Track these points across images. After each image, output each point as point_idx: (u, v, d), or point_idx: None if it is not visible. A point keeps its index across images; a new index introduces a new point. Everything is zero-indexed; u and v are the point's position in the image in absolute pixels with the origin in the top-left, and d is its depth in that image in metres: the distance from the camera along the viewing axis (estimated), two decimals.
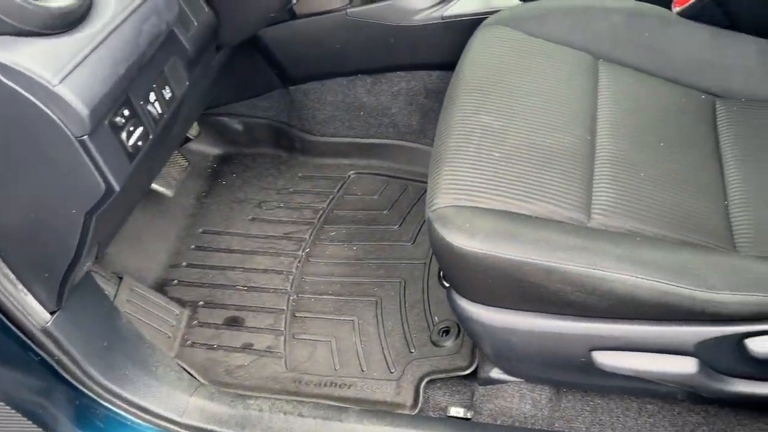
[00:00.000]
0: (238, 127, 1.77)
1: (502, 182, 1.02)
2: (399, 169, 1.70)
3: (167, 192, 1.52)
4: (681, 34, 1.28)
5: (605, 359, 1.00)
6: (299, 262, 1.54)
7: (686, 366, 0.97)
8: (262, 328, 1.42)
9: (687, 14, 1.31)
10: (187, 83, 0.97)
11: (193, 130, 1.69)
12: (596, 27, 1.29)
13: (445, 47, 1.50)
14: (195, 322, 1.45)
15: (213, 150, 1.80)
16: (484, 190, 1.01)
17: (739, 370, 0.97)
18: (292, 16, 1.50)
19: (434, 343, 1.33)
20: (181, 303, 1.48)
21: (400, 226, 1.58)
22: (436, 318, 1.38)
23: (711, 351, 0.94)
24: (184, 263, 1.56)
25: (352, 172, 1.73)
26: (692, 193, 1.06)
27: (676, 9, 1.32)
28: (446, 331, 1.33)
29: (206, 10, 1.11)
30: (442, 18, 1.47)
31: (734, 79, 1.25)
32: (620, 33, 1.29)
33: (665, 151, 1.12)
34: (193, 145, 1.75)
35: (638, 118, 1.17)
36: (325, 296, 1.46)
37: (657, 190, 1.04)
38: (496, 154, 1.06)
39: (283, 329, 1.41)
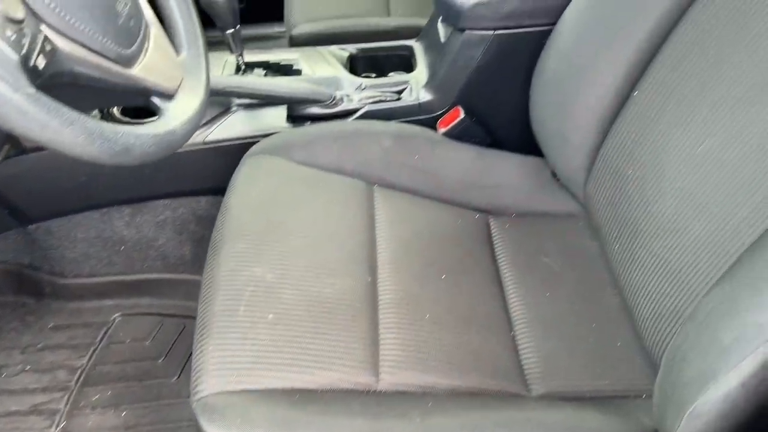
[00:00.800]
0: None
1: (279, 352, 0.89)
2: (173, 305, 1.50)
3: None
4: (448, 155, 1.28)
5: None
6: None
7: None
8: None
9: (452, 134, 1.32)
10: None
11: None
12: (367, 152, 1.25)
13: (211, 173, 1.36)
14: None
15: None
16: (259, 366, 0.87)
17: None
18: (22, 151, 1.26)
19: None
20: None
21: (178, 377, 1.37)
22: None
23: None
24: None
25: (117, 314, 1.49)
26: (479, 329, 1.01)
27: (441, 130, 1.33)
28: None
29: None
30: (204, 143, 1.34)
31: (502, 195, 1.27)
32: (391, 157, 1.25)
33: (447, 283, 1.07)
34: None
35: (418, 248, 1.12)
36: None
37: (444, 333, 0.99)
38: (270, 316, 0.93)
39: None
